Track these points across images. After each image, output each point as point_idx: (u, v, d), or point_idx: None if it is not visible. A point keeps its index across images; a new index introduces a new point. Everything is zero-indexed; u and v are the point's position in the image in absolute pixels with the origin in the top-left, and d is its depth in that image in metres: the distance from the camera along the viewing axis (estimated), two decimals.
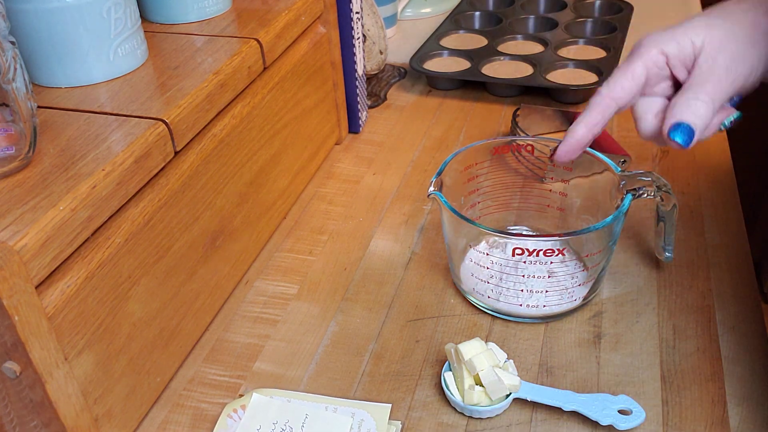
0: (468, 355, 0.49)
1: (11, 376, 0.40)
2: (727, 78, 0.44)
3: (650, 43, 0.46)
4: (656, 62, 0.46)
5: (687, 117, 0.44)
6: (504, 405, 0.50)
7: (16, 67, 0.42)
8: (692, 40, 0.45)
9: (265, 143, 0.64)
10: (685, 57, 0.46)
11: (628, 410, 0.49)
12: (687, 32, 0.46)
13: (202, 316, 0.57)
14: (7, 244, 0.37)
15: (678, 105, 0.44)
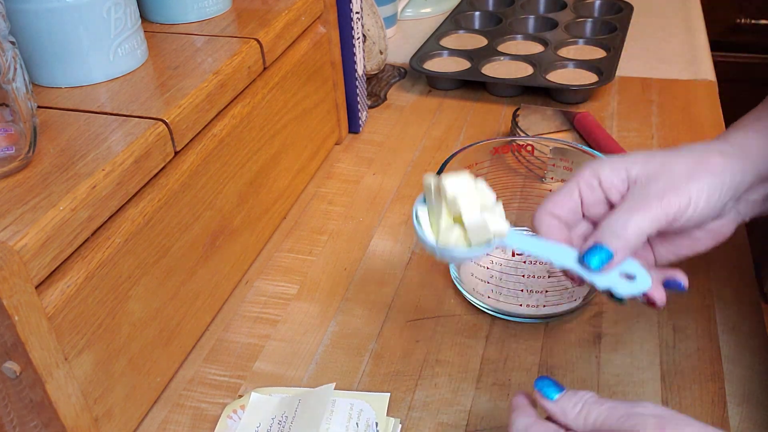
0: (452, 192, 0.40)
1: (11, 376, 0.40)
2: (658, 207, 0.42)
3: (587, 168, 0.46)
4: (589, 183, 0.45)
5: (606, 239, 0.42)
6: (483, 250, 0.41)
7: (16, 67, 0.42)
8: (627, 168, 0.44)
9: (265, 143, 0.64)
10: (619, 183, 0.45)
11: (632, 275, 0.41)
12: (625, 161, 0.45)
13: (202, 316, 0.57)
14: (7, 244, 0.37)
15: (601, 227, 0.43)
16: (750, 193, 0.46)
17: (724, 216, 0.46)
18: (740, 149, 0.45)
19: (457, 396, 0.52)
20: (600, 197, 0.46)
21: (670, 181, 0.43)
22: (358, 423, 0.49)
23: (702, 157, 0.44)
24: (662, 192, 0.43)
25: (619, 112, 0.85)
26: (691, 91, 0.88)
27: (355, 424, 0.49)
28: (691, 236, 0.47)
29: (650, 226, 0.42)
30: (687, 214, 0.43)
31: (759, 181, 0.46)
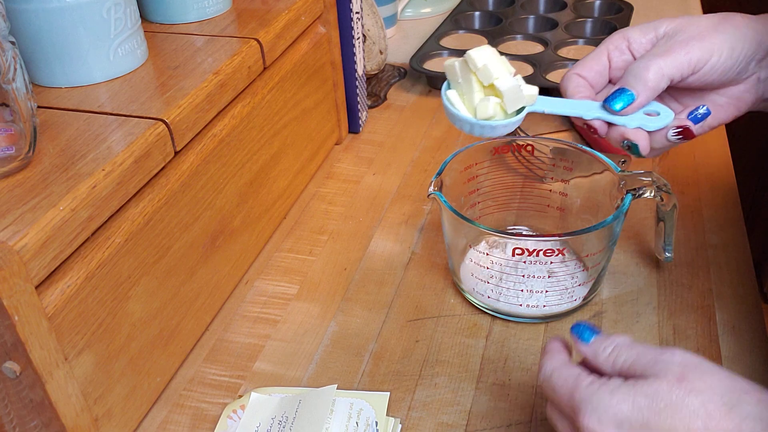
0: (482, 62, 0.42)
1: (11, 376, 0.40)
2: (681, 52, 0.44)
3: (617, 32, 0.48)
4: (617, 46, 0.47)
5: (629, 82, 0.44)
6: (519, 120, 0.43)
7: (16, 67, 0.42)
8: (655, 27, 0.47)
9: (265, 143, 0.64)
10: (647, 42, 0.47)
11: (655, 112, 0.44)
12: (653, 23, 0.47)
13: (202, 316, 0.57)
14: (7, 244, 0.37)
15: (625, 73, 0.45)
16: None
17: (745, 80, 0.47)
18: (763, 18, 0.46)
19: (457, 396, 0.52)
20: (628, 59, 0.47)
21: (695, 31, 0.44)
22: (358, 422, 0.49)
23: (727, 16, 0.45)
24: (686, 40, 0.44)
25: None
26: None
27: (355, 423, 0.49)
28: (713, 102, 0.48)
29: (672, 71, 0.44)
30: (711, 62, 0.44)
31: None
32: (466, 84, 0.43)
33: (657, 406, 0.34)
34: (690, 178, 0.72)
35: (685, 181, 0.72)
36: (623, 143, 0.47)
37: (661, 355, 0.36)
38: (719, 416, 0.34)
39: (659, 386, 0.35)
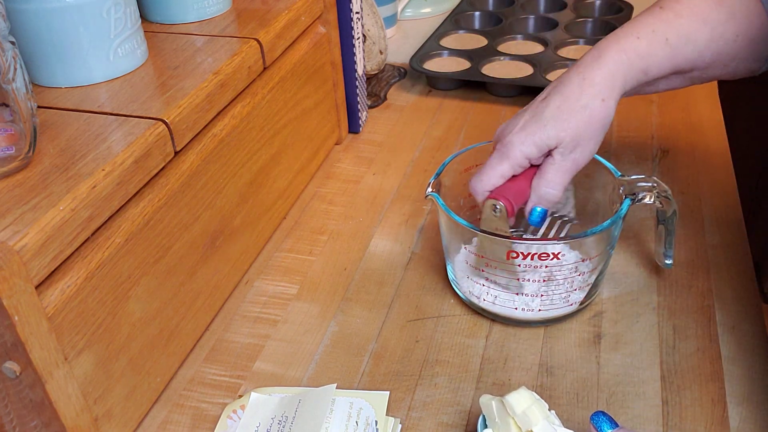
0: (520, 408, 0.44)
1: (11, 376, 0.40)
2: (573, 168, 0.54)
3: (516, 149, 0.54)
4: (521, 163, 0.55)
5: (543, 203, 0.55)
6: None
7: (16, 67, 0.42)
8: (547, 142, 0.54)
9: (265, 143, 0.64)
10: (541, 153, 0.55)
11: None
12: (542, 137, 0.54)
13: (202, 316, 0.57)
14: (7, 244, 0.37)
15: (539, 190, 0.55)
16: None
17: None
18: (614, 80, 0.55)
19: (457, 396, 0.52)
20: (525, 169, 0.56)
21: (585, 147, 0.54)
22: (358, 422, 0.49)
23: (592, 113, 0.54)
24: (578, 156, 0.54)
25: (619, 112, 0.85)
26: (690, 91, 0.87)
27: (355, 423, 0.49)
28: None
29: (567, 183, 0.55)
30: (589, 160, 0.56)
31: (622, 95, 0.56)
32: (503, 425, 0.45)
33: None
34: (690, 178, 0.72)
35: (685, 181, 0.72)
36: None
37: None
38: None
39: None
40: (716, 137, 0.79)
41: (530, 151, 0.54)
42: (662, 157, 0.76)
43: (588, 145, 0.54)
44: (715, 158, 0.75)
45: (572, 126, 0.53)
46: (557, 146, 0.54)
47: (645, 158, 0.76)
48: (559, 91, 0.55)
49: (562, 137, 0.54)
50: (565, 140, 0.54)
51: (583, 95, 0.54)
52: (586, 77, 0.54)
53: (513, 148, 0.54)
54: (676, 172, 0.74)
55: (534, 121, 0.55)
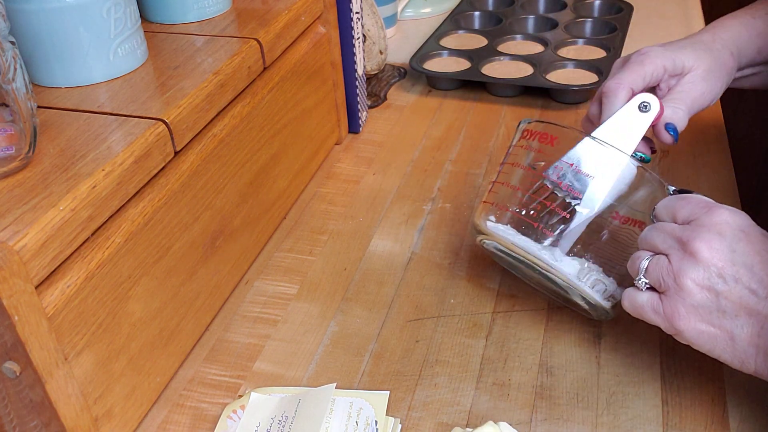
0: None
1: (11, 376, 0.40)
2: (699, 99, 0.59)
3: (656, 56, 0.58)
4: (657, 73, 0.58)
5: (674, 120, 0.57)
6: None
7: (16, 67, 0.42)
8: (684, 62, 0.58)
9: (265, 143, 0.64)
10: (676, 73, 0.59)
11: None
12: (681, 55, 0.58)
13: (202, 316, 0.57)
14: (7, 244, 0.37)
15: (669, 109, 0.57)
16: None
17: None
18: (738, 47, 0.61)
19: (457, 396, 0.52)
20: (657, 83, 0.59)
21: (710, 82, 0.59)
22: (358, 421, 0.49)
23: (725, 58, 0.60)
24: (705, 89, 0.59)
25: None
26: None
27: (355, 422, 0.49)
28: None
29: (692, 112, 0.59)
30: (709, 104, 0.60)
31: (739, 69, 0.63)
32: None
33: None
34: (690, 178, 0.72)
35: (685, 181, 0.72)
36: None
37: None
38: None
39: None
40: (716, 137, 0.79)
41: (669, 62, 0.57)
42: (662, 157, 0.76)
43: (717, 84, 0.59)
44: (715, 158, 0.75)
45: (709, 59, 0.58)
46: (690, 72, 0.58)
47: None
48: (692, 35, 0.61)
49: (698, 64, 0.58)
50: (700, 68, 0.58)
51: (715, 42, 0.60)
52: (715, 33, 0.61)
53: (655, 55, 0.57)
54: (676, 172, 0.74)
55: (673, 43, 0.59)
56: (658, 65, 0.57)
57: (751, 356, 0.43)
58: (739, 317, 0.43)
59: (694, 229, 0.45)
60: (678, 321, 0.45)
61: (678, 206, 0.47)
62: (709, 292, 0.44)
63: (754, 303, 0.42)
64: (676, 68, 0.58)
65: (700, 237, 0.44)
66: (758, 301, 0.42)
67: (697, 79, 0.58)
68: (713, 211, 0.45)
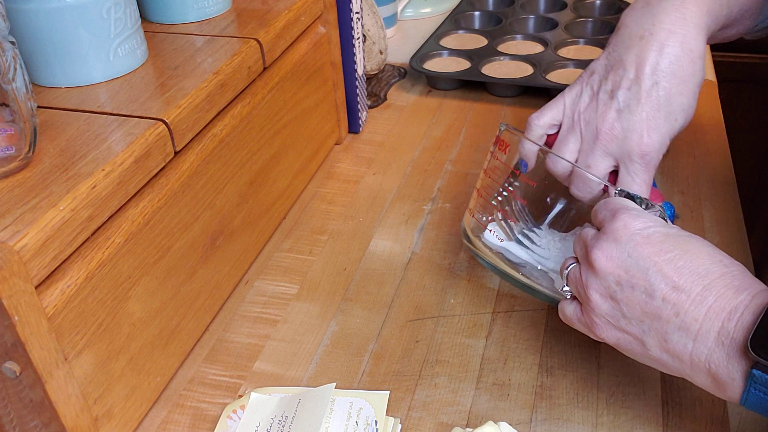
0: None
1: (11, 376, 0.40)
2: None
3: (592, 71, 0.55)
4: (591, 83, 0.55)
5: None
6: None
7: (16, 67, 0.42)
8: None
9: (265, 143, 0.64)
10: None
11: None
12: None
13: (202, 316, 0.57)
14: (7, 244, 0.37)
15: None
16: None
17: None
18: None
19: (457, 396, 0.52)
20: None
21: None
22: (358, 421, 0.49)
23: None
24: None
25: None
26: None
27: (355, 422, 0.49)
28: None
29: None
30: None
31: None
32: None
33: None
34: (690, 178, 0.72)
35: (685, 182, 0.72)
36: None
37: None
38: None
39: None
40: (716, 137, 0.79)
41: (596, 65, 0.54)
42: (662, 157, 0.76)
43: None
44: (715, 158, 0.75)
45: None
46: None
47: None
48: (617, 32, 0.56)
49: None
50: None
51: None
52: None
53: (591, 74, 0.54)
54: (676, 172, 0.74)
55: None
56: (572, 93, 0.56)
57: (669, 364, 0.43)
58: (643, 323, 0.42)
59: (597, 237, 0.44)
60: (596, 330, 0.45)
61: (598, 209, 0.47)
62: (612, 300, 0.43)
63: (653, 307, 0.42)
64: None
65: (598, 246, 0.44)
66: (657, 305, 0.41)
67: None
68: (615, 217, 0.44)
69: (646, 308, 0.42)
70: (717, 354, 0.39)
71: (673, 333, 0.41)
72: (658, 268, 0.41)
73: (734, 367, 0.39)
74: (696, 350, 0.40)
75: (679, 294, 0.41)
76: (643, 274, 0.42)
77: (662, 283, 0.41)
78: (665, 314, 0.41)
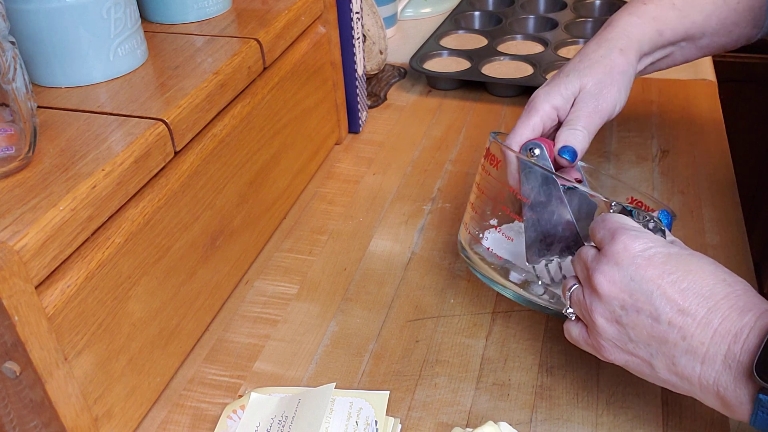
0: None
1: (11, 376, 0.40)
2: (595, 113, 0.56)
3: (541, 101, 0.57)
4: (549, 115, 0.57)
5: (570, 141, 0.55)
6: None
7: (16, 67, 0.42)
8: (571, 90, 0.57)
9: (265, 143, 0.64)
10: (567, 103, 0.57)
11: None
12: (567, 85, 0.57)
13: (202, 316, 0.57)
14: (7, 244, 0.37)
15: (563, 132, 0.56)
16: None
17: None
18: (629, 38, 0.59)
19: (457, 396, 0.52)
20: (555, 123, 0.58)
21: (600, 92, 0.57)
22: (358, 421, 0.49)
23: (611, 61, 0.58)
24: (597, 102, 0.57)
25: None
26: (691, 91, 0.88)
27: (355, 422, 0.49)
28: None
29: (594, 126, 0.56)
30: (615, 111, 0.58)
31: (641, 57, 0.61)
32: None
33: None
34: (690, 178, 0.72)
35: (685, 181, 0.72)
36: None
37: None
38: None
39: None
40: (716, 137, 0.79)
41: (556, 100, 0.57)
42: (662, 157, 0.76)
43: (610, 91, 0.57)
44: (715, 158, 0.75)
45: (593, 72, 0.57)
46: (580, 91, 0.57)
47: (645, 158, 0.76)
48: (579, 52, 0.60)
49: (584, 83, 0.57)
50: (587, 86, 0.57)
51: (600, 48, 0.59)
52: (602, 37, 0.60)
53: (540, 101, 0.57)
54: (676, 172, 0.74)
55: (557, 76, 0.59)
56: (546, 109, 0.57)
57: (678, 386, 0.43)
58: (650, 346, 0.43)
59: (598, 260, 0.44)
60: (604, 353, 0.46)
61: (596, 228, 0.46)
62: (618, 324, 0.43)
63: (659, 331, 0.42)
64: (567, 100, 0.57)
65: (600, 270, 0.44)
66: (663, 329, 0.41)
67: (587, 96, 0.56)
68: (614, 239, 0.44)
69: (652, 332, 0.42)
70: (724, 377, 0.40)
71: (680, 356, 0.41)
72: (662, 291, 0.41)
73: (741, 391, 0.39)
74: (704, 373, 0.41)
75: (685, 317, 0.41)
76: (648, 297, 0.42)
77: (667, 306, 0.41)
78: (672, 338, 0.41)
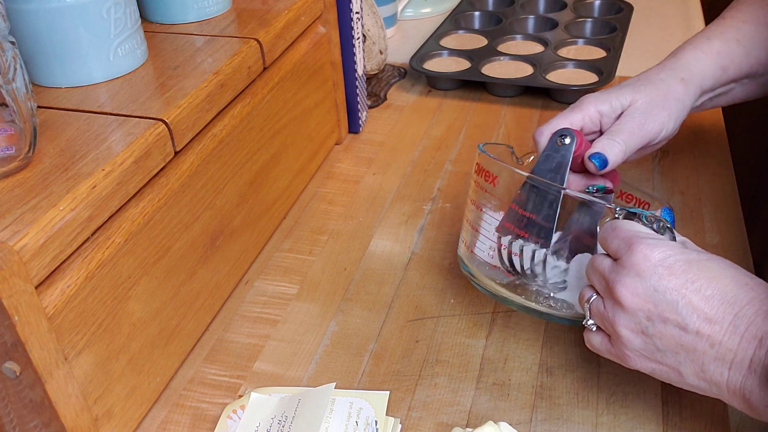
0: None
1: (11, 376, 0.40)
2: (639, 130, 0.56)
3: (590, 102, 0.57)
4: (592, 117, 0.57)
5: (605, 150, 0.54)
6: None
7: (16, 67, 0.42)
8: (621, 101, 0.57)
9: (265, 143, 0.64)
10: (614, 113, 0.57)
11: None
12: (618, 96, 0.57)
13: (202, 316, 0.57)
14: (7, 244, 0.37)
15: (601, 140, 0.55)
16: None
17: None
18: (692, 71, 0.59)
19: (457, 396, 0.52)
20: (597, 128, 0.58)
21: (650, 111, 0.56)
22: (358, 421, 0.49)
23: (669, 86, 0.58)
24: (644, 120, 0.56)
25: None
26: None
27: (355, 422, 0.49)
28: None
29: (634, 145, 0.56)
30: (660, 136, 0.57)
31: (701, 93, 0.60)
32: None
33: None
34: (690, 178, 0.72)
35: (685, 181, 0.72)
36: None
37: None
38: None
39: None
40: (716, 137, 0.79)
41: (603, 106, 0.56)
42: (662, 157, 0.76)
43: (660, 114, 0.56)
44: (715, 158, 0.75)
45: (648, 91, 0.57)
46: (630, 106, 0.56)
47: (645, 158, 0.76)
48: (639, 74, 0.60)
49: (636, 98, 0.56)
50: (638, 101, 0.56)
51: (661, 72, 0.58)
52: (664, 65, 0.59)
53: (587, 102, 0.57)
54: (676, 172, 0.74)
55: (615, 86, 0.58)
56: (591, 110, 0.57)
57: (707, 390, 0.43)
58: (678, 354, 0.43)
59: (618, 271, 0.44)
60: (629, 362, 0.46)
61: (609, 238, 0.46)
62: (644, 335, 0.44)
63: (687, 340, 0.42)
64: (614, 109, 0.57)
65: (622, 282, 0.44)
66: (691, 338, 0.42)
67: (636, 112, 0.56)
68: (632, 249, 0.44)
69: (680, 341, 0.42)
70: (750, 381, 0.40)
71: (709, 363, 0.42)
72: (687, 301, 0.42)
73: (766, 394, 0.40)
74: (731, 378, 0.41)
75: (713, 325, 0.41)
76: (673, 307, 0.42)
77: (694, 315, 0.41)
78: (701, 346, 0.42)
